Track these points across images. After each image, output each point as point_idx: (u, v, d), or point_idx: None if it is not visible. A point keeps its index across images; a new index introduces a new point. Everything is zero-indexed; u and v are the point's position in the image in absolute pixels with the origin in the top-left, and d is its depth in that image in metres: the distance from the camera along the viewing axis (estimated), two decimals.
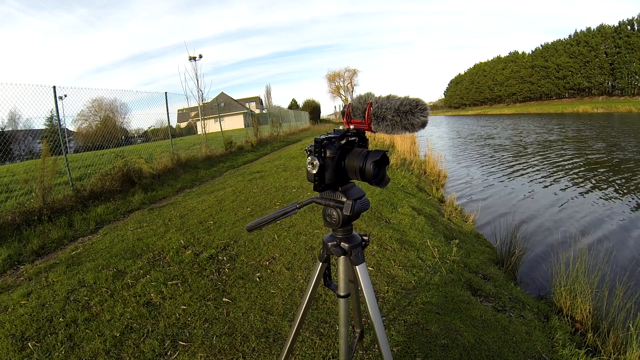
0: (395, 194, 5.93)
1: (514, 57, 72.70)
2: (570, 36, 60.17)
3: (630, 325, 2.53)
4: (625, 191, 7.69)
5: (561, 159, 12.18)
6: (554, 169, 10.64)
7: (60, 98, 7.51)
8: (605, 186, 8.26)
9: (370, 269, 3.23)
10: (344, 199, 1.12)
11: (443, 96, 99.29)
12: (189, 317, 2.67)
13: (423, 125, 1.02)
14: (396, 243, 3.80)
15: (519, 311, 2.88)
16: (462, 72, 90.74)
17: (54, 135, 7.28)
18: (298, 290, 2.93)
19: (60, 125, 7.33)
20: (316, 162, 1.07)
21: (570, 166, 10.88)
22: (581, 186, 8.46)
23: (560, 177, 9.54)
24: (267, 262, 3.51)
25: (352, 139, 1.13)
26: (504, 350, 2.26)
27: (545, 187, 8.67)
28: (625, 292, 2.85)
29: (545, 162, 11.80)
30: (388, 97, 1.04)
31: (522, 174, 10.26)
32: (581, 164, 11.12)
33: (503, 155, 14.08)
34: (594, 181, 8.81)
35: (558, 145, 15.88)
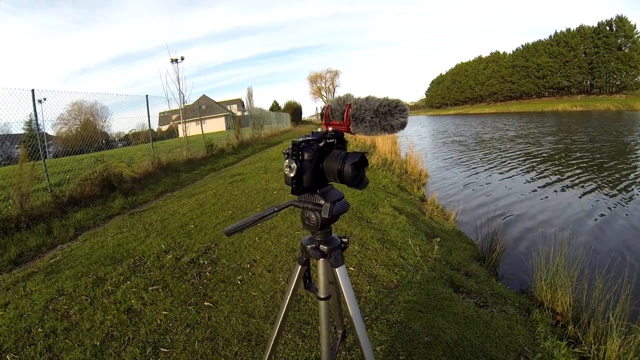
0: (376, 194, 5.96)
1: (495, 57, 73.56)
2: (550, 37, 61.18)
3: (610, 315, 2.58)
4: (601, 186, 7.87)
5: (538, 155, 12.44)
6: (533, 165, 10.84)
7: (40, 101, 7.38)
8: (582, 181, 8.45)
9: (352, 269, 3.24)
10: (322, 202, 1.11)
11: (424, 96, 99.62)
12: (170, 322, 2.63)
13: (402, 126, 1.02)
14: (378, 243, 3.82)
15: (501, 306, 2.91)
16: (444, 72, 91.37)
17: (33, 139, 7.11)
18: (280, 293, 2.92)
19: (38, 129, 7.17)
20: (294, 165, 1.06)
21: (547, 162, 11.10)
22: (559, 181, 8.65)
23: (538, 173, 9.73)
24: (248, 265, 3.49)
25: (331, 141, 1.13)
26: (486, 345, 2.28)
27: (525, 183, 8.83)
28: (605, 284, 2.90)
29: (524, 159, 12.00)
30: (367, 98, 1.04)
31: (502, 171, 10.41)
32: (558, 160, 11.34)
33: (483, 153, 14.25)
34: (571, 176, 8.99)
35: (534, 141, 16.18)
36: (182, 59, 14.84)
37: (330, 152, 1.11)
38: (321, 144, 1.10)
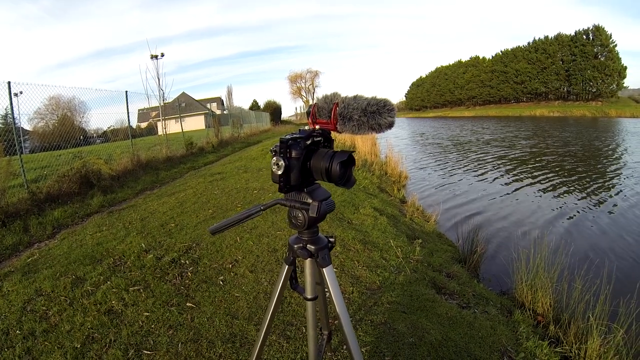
0: (357, 195, 5.97)
1: (475, 61, 74.37)
2: (529, 43, 62.27)
3: (590, 315, 2.63)
4: (575, 189, 8.07)
5: (514, 158, 12.69)
6: (509, 168, 11.06)
7: (16, 95, 7.17)
8: (556, 184, 8.66)
9: (334, 270, 3.23)
10: (310, 201, 1.10)
11: (404, 98, 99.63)
12: (152, 324, 2.58)
13: (390, 125, 1.02)
14: (359, 244, 3.83)
15: (483, 307, 2.95)
16: (424, 75, 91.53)
17: (9, 134, 6.91)
18: (262, 293, 2.90)
19: (15, 123, 6.97)
20: (281, 162, 1.05)
21: (523, 165, 11.33)
22: (534, 183, 8.85)
23: (515, 175, 9.91)
24: (230, 265, 3.46)
25: (318, 139, 1.12)
26: (470, 345, 2.30)
27: (502, 185, 8.99)
28: (584, 285, 2.96)
29: (501, 162, 12.22)
30: (355, 97, 1.04)
31: (480, 173, 10.56)
32: (534, 163, 11.58)
33: (461, 155, 14.42)
34: (546, 179, 9.19)
35: (511, 145, 16.47)
36: (162, 55, 14.61)
37: (318, 150, 1.10)
38: (308, 142, 1.09)
